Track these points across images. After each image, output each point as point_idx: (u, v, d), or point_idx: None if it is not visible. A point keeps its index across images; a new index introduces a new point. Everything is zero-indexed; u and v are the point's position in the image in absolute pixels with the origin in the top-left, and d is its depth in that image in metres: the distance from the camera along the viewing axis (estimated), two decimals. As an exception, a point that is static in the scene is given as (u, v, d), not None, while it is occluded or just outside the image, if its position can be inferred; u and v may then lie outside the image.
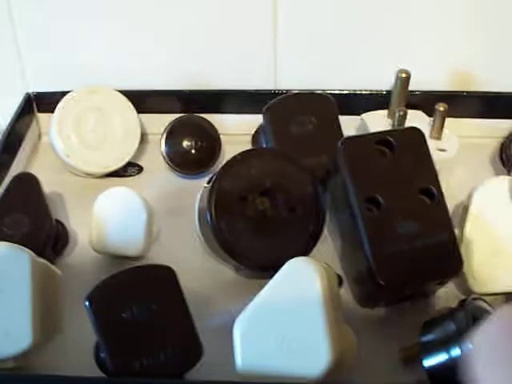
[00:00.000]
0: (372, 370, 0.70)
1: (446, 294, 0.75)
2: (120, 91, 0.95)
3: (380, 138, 0.73)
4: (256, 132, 0.92)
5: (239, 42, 0.96)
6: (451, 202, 0.81)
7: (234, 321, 0.63)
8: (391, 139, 0.72)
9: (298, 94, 0.89)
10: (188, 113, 0.96)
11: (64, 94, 0.93)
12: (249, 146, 0.94)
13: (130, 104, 0.94)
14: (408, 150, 0.73)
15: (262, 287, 0.63)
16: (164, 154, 0.91)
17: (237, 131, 0.96)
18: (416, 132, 0.74)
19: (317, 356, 0.61)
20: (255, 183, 0.75)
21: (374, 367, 0.71)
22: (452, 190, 0.82)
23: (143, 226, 0.80)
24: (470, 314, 0.64)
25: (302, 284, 0.63)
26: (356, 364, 0.68)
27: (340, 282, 0.76)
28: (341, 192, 0.73)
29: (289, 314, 0.62)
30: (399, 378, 0.70)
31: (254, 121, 0.91)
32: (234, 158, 0.75)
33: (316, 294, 0.62)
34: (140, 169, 0.94)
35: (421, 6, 0.93)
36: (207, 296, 0.78)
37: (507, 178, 0.79)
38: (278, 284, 0.64)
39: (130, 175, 0.93)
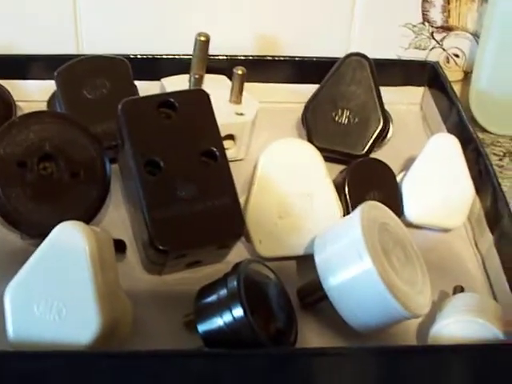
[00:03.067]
0: (157, 336, 0.69)
1: (236, 259, 0.74)
2: None
3: (161, 99, 0.71)
4: (51, 97, 0.89)
5: (39, 6, 0.93)
6: (252, 167, 0.80)
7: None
8: (173, 100, 0.71)
9: (90, 57, 0.86)
10: (-11, 79, 0.92)
11: None
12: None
13: None
14: (191, 111, 0.72)
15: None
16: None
17: (39, 98, 0.93)
18: (200, 93, 0.73)
19: (86, 323, 0.60)
20: (34, 148, 0.72)
21: (160, 333, 0.70)
22: (254, 155, 0.82)
23: None
24: (243, 277, 0.64)
25: (69, 248, 0.61)
26: (130, 331, 0.67)
27: (122, 248, 0.74)
28: (126, 156, 0.71)
29: (57, 280, 0.61)
30: (182, 343, 0.69)
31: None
32: (12, 121, 0.72)
33: (83, 258, 0.61)
34: None
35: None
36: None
37: (290, 139, 0.79)
38: (46, 249, 0.62)
39: None
